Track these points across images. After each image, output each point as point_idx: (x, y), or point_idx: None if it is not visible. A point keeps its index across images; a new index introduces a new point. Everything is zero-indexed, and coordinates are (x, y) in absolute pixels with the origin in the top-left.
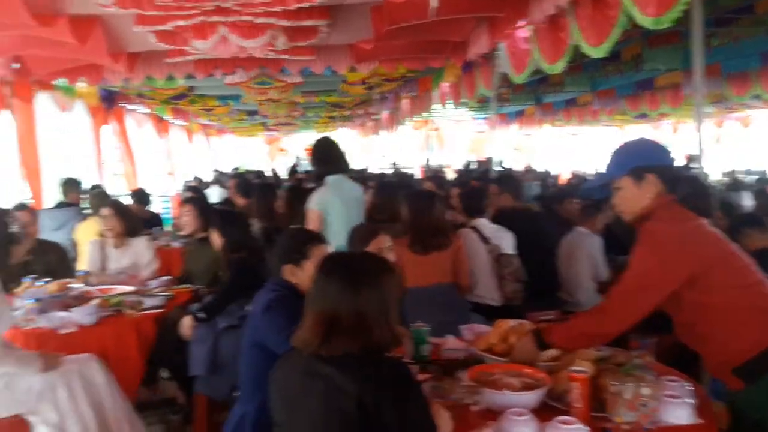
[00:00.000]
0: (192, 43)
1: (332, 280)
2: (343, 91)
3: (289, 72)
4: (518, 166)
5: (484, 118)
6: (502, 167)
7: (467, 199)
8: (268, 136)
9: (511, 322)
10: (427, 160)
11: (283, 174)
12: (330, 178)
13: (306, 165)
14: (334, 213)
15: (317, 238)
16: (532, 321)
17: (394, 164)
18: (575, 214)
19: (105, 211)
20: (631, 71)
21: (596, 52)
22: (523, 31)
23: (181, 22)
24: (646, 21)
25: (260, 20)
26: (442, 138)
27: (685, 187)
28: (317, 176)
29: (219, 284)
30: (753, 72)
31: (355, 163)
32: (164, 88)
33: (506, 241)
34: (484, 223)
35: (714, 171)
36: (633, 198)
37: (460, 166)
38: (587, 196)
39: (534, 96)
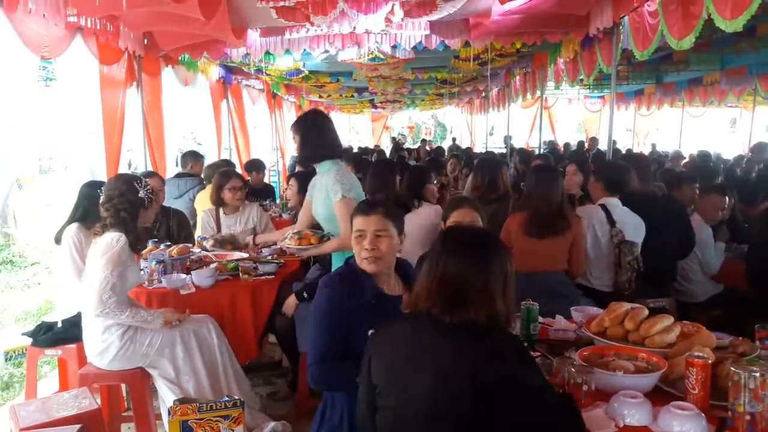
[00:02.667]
0: (311, 18)
1: (461, 251)
2: (453, 67)
3: (402, 47)
4: (635, 147)
5: (599, 97)
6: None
7: (609, 173)
8: (374, 114)
9: (626, 306)
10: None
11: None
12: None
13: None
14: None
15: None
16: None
17: (509, 138)
18: (694, 201)
19: (236, 182)
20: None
21: (730, 26)
22: (650, 4)
23: None
24: None
25: None
26: (552, 117)
27: None
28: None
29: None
30: None
31: (463, 141)
32: (281, 65)
33: (632, 229)
34: (615, 204)
35: None
36: None
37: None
38: None
39: (655, 74)
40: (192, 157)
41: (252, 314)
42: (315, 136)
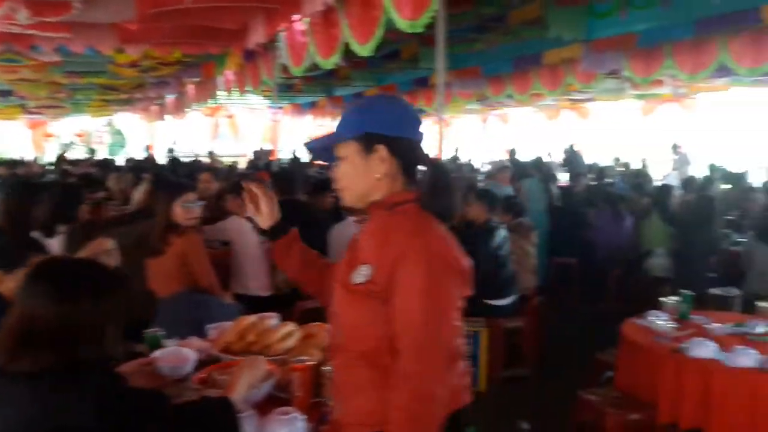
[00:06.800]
0: None
1: (39, 285)
2: (113, 72)
3: (42, 50)
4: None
5: (280, 107)
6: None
7: (282, 181)
8: (30, 120)
9: (252, 318)
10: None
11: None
12: None
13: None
14: None
15: (35, 246)
16: (300, 309)
17: (171, 150)
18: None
19: None
20: (410, 68)
21: (363, 50)
22: (300, 23)
23: None
24: (402, 24)
25: None
26: (236, 126)
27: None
28: None
29: None
30: (506, 75)
31: (139, 150)
32: None
33: None
34: None
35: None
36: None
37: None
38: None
39: (326, 88)
40: None
41: None
42: None
